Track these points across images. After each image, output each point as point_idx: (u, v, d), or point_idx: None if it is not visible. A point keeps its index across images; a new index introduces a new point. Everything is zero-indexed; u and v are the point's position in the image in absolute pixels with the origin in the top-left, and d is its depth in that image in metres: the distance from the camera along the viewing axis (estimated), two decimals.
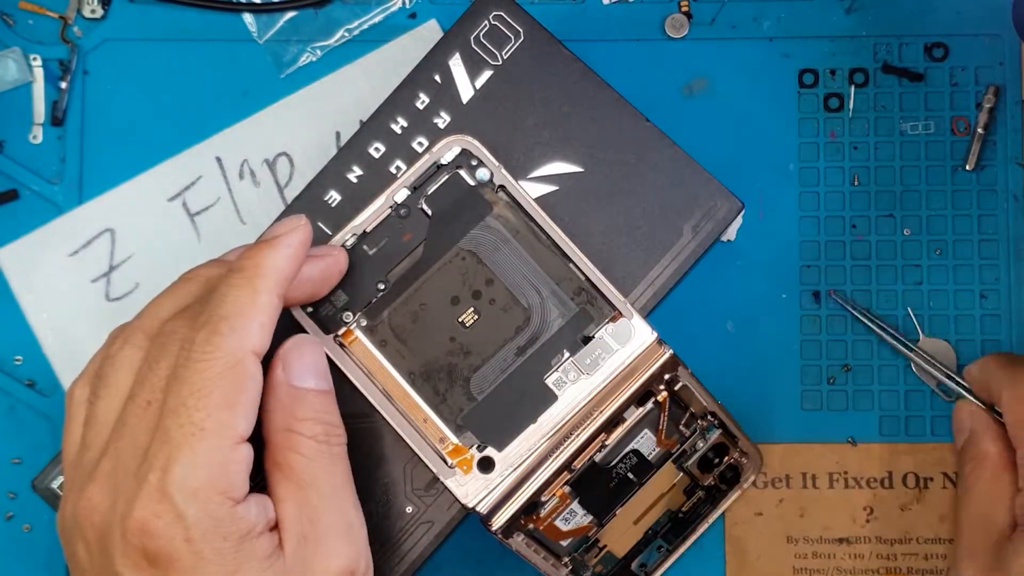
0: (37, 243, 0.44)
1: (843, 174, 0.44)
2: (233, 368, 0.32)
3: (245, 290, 0.33)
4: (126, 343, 0.34)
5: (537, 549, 0.38)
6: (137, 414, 0.32)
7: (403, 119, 0.39)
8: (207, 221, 0.44)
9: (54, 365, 0.43)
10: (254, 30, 0.45)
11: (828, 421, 0.44)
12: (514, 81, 0.39)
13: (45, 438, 0.43)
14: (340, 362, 0.37)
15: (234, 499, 0.31)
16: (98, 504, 0.32)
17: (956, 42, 0.45)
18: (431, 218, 0.38)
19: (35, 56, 0.44)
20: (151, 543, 0.30)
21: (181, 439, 0.31)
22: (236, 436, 0.32)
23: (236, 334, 0.32)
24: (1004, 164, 0.44)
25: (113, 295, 0.44)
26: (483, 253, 0.38)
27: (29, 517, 0.43)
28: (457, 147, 0.38)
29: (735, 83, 0.45)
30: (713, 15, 0.45)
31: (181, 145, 0.44)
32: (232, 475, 0.31)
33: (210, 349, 0.31)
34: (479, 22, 0.39)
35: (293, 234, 0.34)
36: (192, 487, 0.31)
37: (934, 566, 0.43)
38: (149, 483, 0.31)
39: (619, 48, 0.45)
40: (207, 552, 0.31)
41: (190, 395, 0.31)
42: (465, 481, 0.37)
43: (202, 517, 0.31)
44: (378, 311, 0.38)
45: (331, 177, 0.39)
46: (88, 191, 0.44)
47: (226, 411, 0.31)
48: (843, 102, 0.45)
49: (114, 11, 0.45)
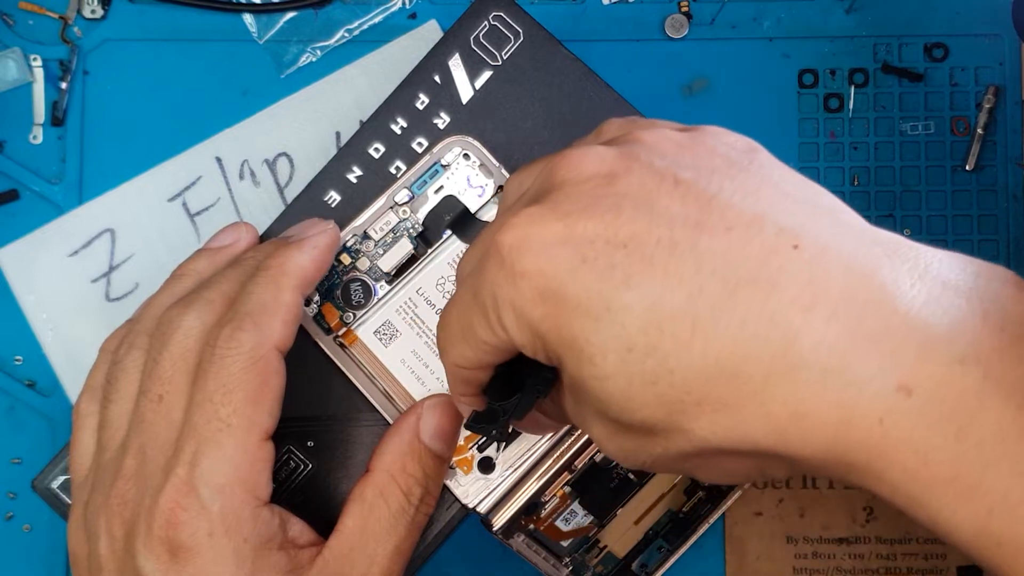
0: (37, 243, 0.44)
1: (843, 174, 0.44)
2: (256, 364, 0.32)
3: (269, 288, 0.33)
4: (131, 347, 0.34)
5: (537, 549, 0.38)
6: (152, 408, 0.32)
7: (403, 119, 0.39)
8: (207, 221, 0.44)
9: (54, 365, 0.43)
10: (254, 30, 0.45)
11: None
12: (514, 81, 0.39)
13: (45, 438, 0.43)
14: (340, 362, 0.37)
15: (258, 498, 0.32)
16: (130, 499, 0.32)
17: (956, 42, 0.45)
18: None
19: (35, 56, 0.44)
20: (175, 535, 0.31)
21: (208, 434, 0.31)
22: (262, 432, 0.32)
23: (260, 331, 0.32)
24: (1004, 164, 0.44)
25: (113, 295, 0.44)
26: None
27: (29, 517, 0.43)
28: (457, 147, 0.38)
29: (735, 83, 0.45)
30: (713, 15, 0.45)
31: (181, 145, 0.44)
32: (257, 472, 0.32)
33: (234, 345, 0.32)
34: (479, 22, 0.39)
35: (320, 237, 0.35)
36: (218, 482, 0.31)
37: (934, 566, 0.43)
38: (177, 476, 0.31)
39: (619, 48, 0.45)
40: (227, 550, 0.31)
41: (216, 391, 0.31)
42: (465, 481, 0.37)
43: (227, 513, 0.31)
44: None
45: (331, 177, 0.39)
46: (88, 191, 0.44)
47: (251, 407, 0.32)
48: (843, 102, 0.45)
49: (114, 11, 0.45)
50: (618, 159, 0.26)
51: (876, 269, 0.24)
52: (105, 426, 0.34)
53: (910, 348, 0.23)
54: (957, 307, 0.24)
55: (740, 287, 0.24)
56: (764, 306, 0.24)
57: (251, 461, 0.32)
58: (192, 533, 0.31)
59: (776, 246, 0.24)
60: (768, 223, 0.25)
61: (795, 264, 0.24)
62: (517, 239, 0.26)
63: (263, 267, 0.34)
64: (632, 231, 0.25)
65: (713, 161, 0.26)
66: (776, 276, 0.24)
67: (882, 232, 0.26)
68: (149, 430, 0.32)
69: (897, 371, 0.23)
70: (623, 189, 0.26)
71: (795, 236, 0.25)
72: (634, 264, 0.25)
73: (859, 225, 0.26)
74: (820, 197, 0.27)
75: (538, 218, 0.26)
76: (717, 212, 0.25)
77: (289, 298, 0.33)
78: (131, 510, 0.32)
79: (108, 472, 0.33)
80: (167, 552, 0.31)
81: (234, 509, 0.31)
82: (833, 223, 0.26)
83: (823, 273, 0.24)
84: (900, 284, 0.24)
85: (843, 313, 0.24)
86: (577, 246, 0.25)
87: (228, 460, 0.31)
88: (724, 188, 0.25)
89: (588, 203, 0.26)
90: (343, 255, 0.38)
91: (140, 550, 0.31)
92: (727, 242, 0.25)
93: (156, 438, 0.32)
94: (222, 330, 0.32)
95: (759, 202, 0.25)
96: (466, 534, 0.40)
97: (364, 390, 0.37)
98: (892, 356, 0.23)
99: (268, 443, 0.32)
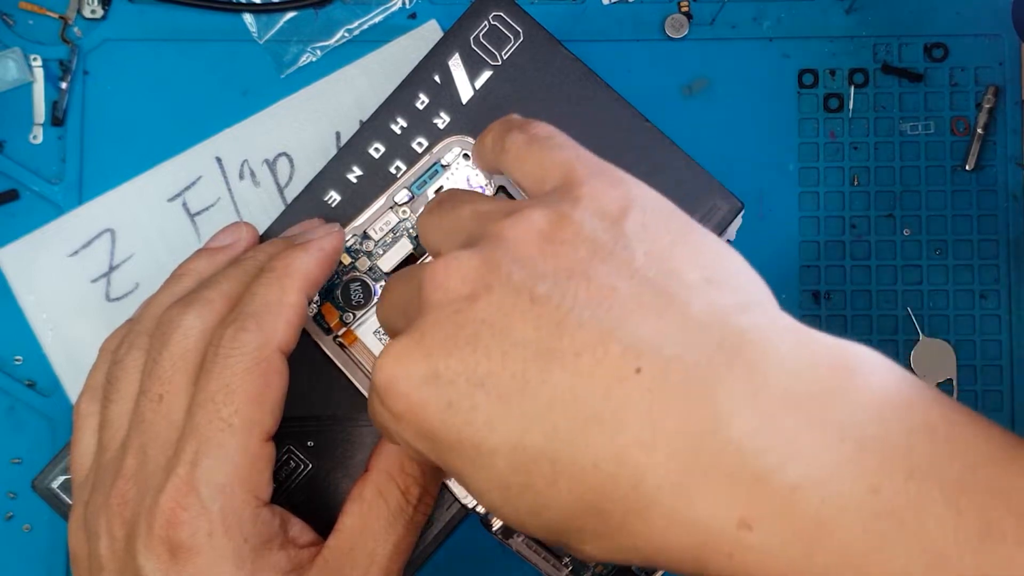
0: (37, 243, 0.44)
1: (843, 174, 0.44)
2: (259, 364, 0.32)
3: (273, 289, 0.33)
4: (131, 347, 0.34)
5: (537, 549, 0.38)
6: (152, 408, 0.32)
7: (403, 119, 0.39)
8: (207, 221, 0.44)
9: (54, 365, 0.43)
10: (254, 30, 0.45)
11: None
12: (514, 81, 0.39)
13: (45, 438, 0.43)
14: (340, 362, 0.37)
15: (259, 498, 0.32)
16: (131, 499, 0.32)
17: (956, 42, 0.45)
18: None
19: (35, 56, 0.44)
20: (175, 534, 0.31)
21: (210, 434, 0.31)
22: (263, 433, 0.32)
23: (263, 331, 0.32)
24: (1004, 164, 0.44)
25: (113, 295, 0.44)
26: None
27: (29, 517, 0.43)
28: (457, 147, 0.38)
29: (735, 83, 0.45)
30: (713, 15, 0.45)
31: (181, 145, 0.44)
32: (258, 472, 0.32)
33: (237, 345, 0.32)
34: (479, 22, 0.39)
35: (326, 239, 0.35)
36: (219, 482, 0.31)
37: None
38: (177, 475, 0.31)
39: (619, 48, 0.45)
40: (227, 550, 0.31)
41: (218, 391, 0.31)
42: None
43: (227, 513, 0.31)
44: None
45: (331, 177, 0.39)
46: (88, 191, 0.44)
47: (254, 407, 0.32)
48: (843, 102, 0.45)
49: (114, 11, 0.45)
50: (479, 275, 0.27)
51: (712, 391, 0.24)
52: (105, 426, 0.34)
53: (744, 480, 0.23)
54: (792, 427, 0.24)
55: (588, 425, 0.25)
56: (611, 445, 0.24)
57: (252, 461, 0.32)
58: (192, 533, 0.31)
59: (620, 372, 0.25)
60: (614, 342, 0.25)
61: (635, 394, 0.24)
62: (389, 380, 0.27)
63: (268, 268, 0.34)
64: (488, 368, 0.26)
65: (574, 256, 0.26)
66: (619, 412, 0.24)
67: (736, 319, 0.25)
68: (149, 430, 0.32)
69: (736, 507, 0.23)
70: (482, 314, 0.26)
71: (638, 355, 0.25)
72: (492, 405, 0.25)
73: (717, 310, 0.26)
74: (687, 267, 0.26)
75: (405, 356, 0.27)
76: (568, 334, 0.25)
77: (294, 299, 0.33)
78: (132, 510, 0.32)
79: (108, 472, 0.33)
80: (167, 552, 0.31)
81: (234, 509, 0.31)
82: (683, 320, 0.25)
83: (661, 403, 0.24)
84: (733, 408, 0.24)
85: (680, 448, 0.24)
86: (441, 387, 0.26)
87: (229, 460, 0.31)
88: (578, 299, 0.26)
89: (449, 334, 0.26)
90: (343, 255, 0.38)
91: (140, 550, 0.31)
92: (575, 372, 0.25)
93: (156, 438, 0.32)
94: (226, 330, 0.32)
95: (611, 310, 0.25)
96: (466, 534, 0.40)
97: (364, 390, 0.37)
98: (729, 491, 0.24)
99: (269, 444, 0.32)
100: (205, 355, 0.32)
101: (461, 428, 0.26)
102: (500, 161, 0.32)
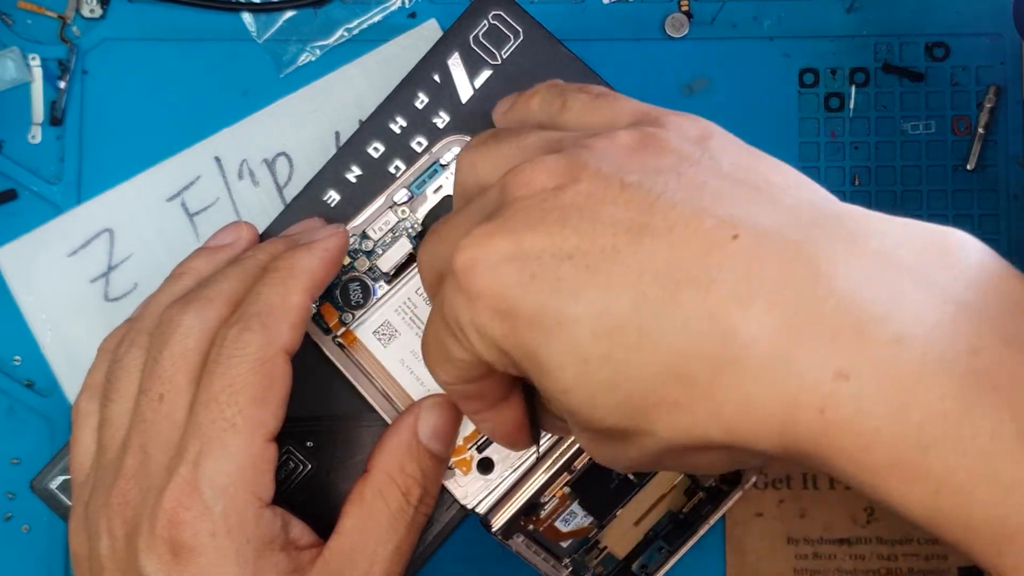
0: (36, 243, 0.44)
1: (843, 174, 0.44)
2: (263, 365, 0.32)
3: (278, 289, 0.33)
4: (132, 346, 0.34)
5: (537, 550, 0.38)
6: (153, 407, 0.32)
7: (402, 119, 0.39)
8: (206, 221, 0.44)
9: (53, 365, 0.43)
10: (253, 30, 0.45)
11: None
12: (514, 81, 0.39)
13: (44, 438, 0.43)
14: (340, 362, 0.37)
15: (261, 499, 0.32)
16: (132, 498, 0.32)
17: (957, 42, 0.45)
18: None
19: (34, 56, 0.44)
20: (177, 534, 0.31)
21: (213, 434, 0.31)
22: (266, 434, 0.32)
23: (267, 332, 0.32)
24: (1005, 164, 0.44)
25: (112, 295, 0.44)
26: None
27: (28, 517, 0.43)
28: (457, 147, 0.38)
29: (735, 83, 0.44)
30: (713, 15, 0.45)
31: (180, 145, 0.44)
32: (261, 473, 0.32)
33: (241, 345, 0.32)
34: (478, 22, 0.39)
35: (331, 239, 0.35)
36: (222, 483, 0.31)
37: (935, 567, 0.43)
38: (180, 475, 0.31)
39: (619, 48, 0.44)
40: (230, 551, 0.31)
41: (221, 391, 0.31)
42: (464, 482, 0.37)
43: (229, 513, 0.31)
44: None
45: (330, 177, 0.39)
46: (87, 191, 0.44)
47: (257, 408, 0.31)
48: (843, 102, 0.44)
49: (113, 11, 0.45)
50: (567, 170, 0.27)
51: (812, 250, 0.24)
52: (105, 425, 0.34)
53: (845, 331, 0.23)
54: (895, 282, 0.24)
55: (681, 288, 0.24)
56: (704, 304, 0.24)
57: (255, 462, 0.31)
58: (195, 533, 0.31)
59: (715, 240, 0.25)
60: (708, 217, 0.25)
61: (733, 257, 0.24)
62: (469, 260, 0.26)
63: (272, 268, 0.34)
64: (576, 243, 0.25)
65: (662, 161, 0.27)
66: (714, 272, 0.24)
67: (830, 205, 0.26)
68: (150, 429, 0.32)
69: (834, 357, 0.23)
70: (569, 200, 0.26)
71: (734, 226, 0.25)
72: (579, 275, 0.25)
73: (809, 201, 0.26)
74: (773, 175, 0.27)
75: (488, 237, 0.26)
76: (660, 213, 0.25)
77: (297, 300, 0.33)
78: (133, 509, 0.32)
79: (109, 471, 0.33)
80: (169, 552, 0.31)
81: (237, 510, 0.31)
82: (775, 205, 0.26)
83: (759, 263, 0.24)
84: (836, 264, 0.24)
85: (780, 302, 0.24)
86: (525, 262, 0.26)
87: (232, 460, 0.31)
88: (669, 186, 0.26)
89: (536, 218, 0.26)
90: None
91: (142, 550, 0.31)
92: (668, 242, 0.25)
93: (158, 437, 0.32)
94: (230, 330, 0.32)
95: (703, 196, 0.25)
96: (466, 535, 0.40)
97: (363, 390, 0.37)
98: (829, 342, 0.23)
99: (272, 444, 0.32)
100: (208, 355, 0.32)
101: (542, 298, 0.25)
102: (559, 117, 0.32)
